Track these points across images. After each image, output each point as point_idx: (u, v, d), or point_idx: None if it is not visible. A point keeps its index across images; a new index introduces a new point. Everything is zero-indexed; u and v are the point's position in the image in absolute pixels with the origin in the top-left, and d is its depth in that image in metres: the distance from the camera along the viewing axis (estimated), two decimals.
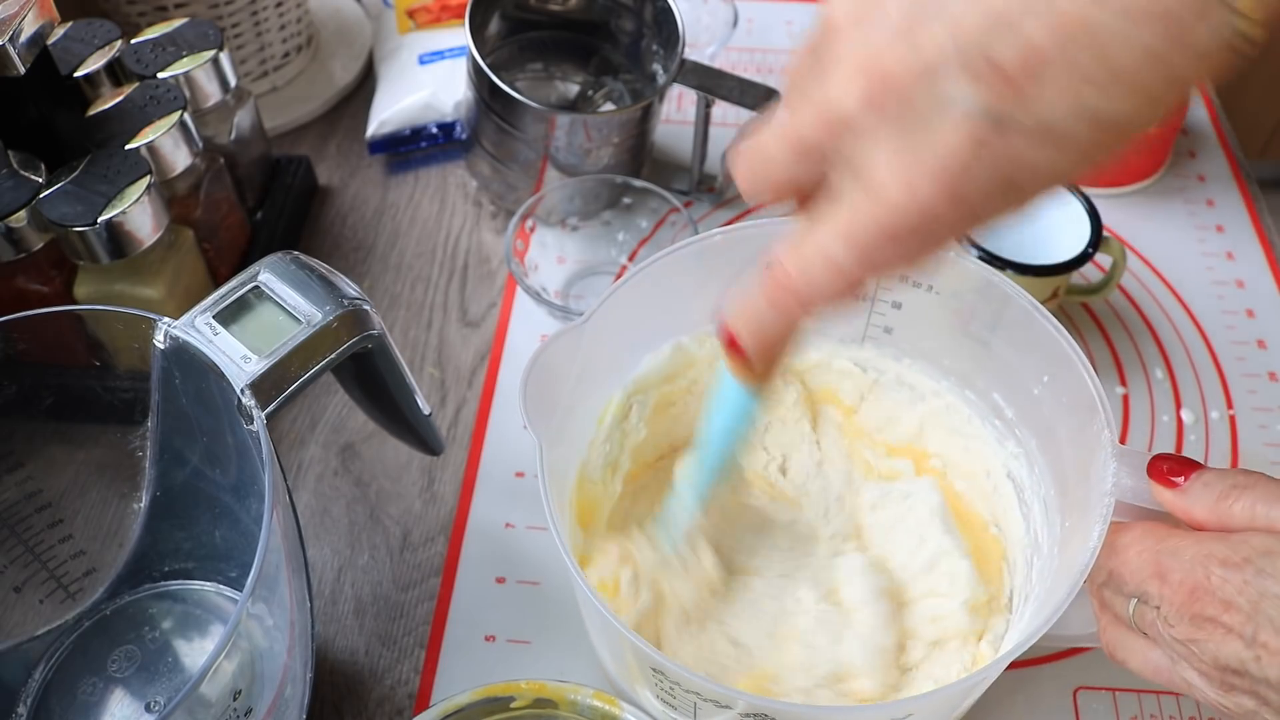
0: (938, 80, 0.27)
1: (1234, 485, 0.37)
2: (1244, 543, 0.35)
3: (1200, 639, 0.35)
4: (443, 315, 0.66)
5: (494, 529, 0.56)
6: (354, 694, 0.50)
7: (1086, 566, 0.38)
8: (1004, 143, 0.27)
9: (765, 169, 0.33)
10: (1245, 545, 0.35)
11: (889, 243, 0.30)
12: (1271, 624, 0.33)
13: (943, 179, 0.28)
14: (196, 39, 0.60)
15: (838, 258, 0.31)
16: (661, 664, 0.37)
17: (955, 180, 0.28)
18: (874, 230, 0.30)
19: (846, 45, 0.30)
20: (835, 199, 0.31)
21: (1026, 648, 0.37)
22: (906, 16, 0.28)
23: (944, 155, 0.28)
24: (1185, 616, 0.35)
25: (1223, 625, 0.34)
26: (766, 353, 0.35)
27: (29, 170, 0.53)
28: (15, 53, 0.50)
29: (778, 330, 0.34)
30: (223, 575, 0.51)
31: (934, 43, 0.27)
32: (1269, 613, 0.33)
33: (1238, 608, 0.34)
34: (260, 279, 0.42)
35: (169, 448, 0.46)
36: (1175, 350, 0.64)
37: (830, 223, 0.31)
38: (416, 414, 0.49)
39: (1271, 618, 0.33)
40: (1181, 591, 0.35)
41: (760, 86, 0.64)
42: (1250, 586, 0.34)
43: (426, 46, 0.77)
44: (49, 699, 0.47)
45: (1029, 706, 0.49)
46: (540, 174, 0.67)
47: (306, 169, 0.72)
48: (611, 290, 0.45)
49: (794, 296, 0.32)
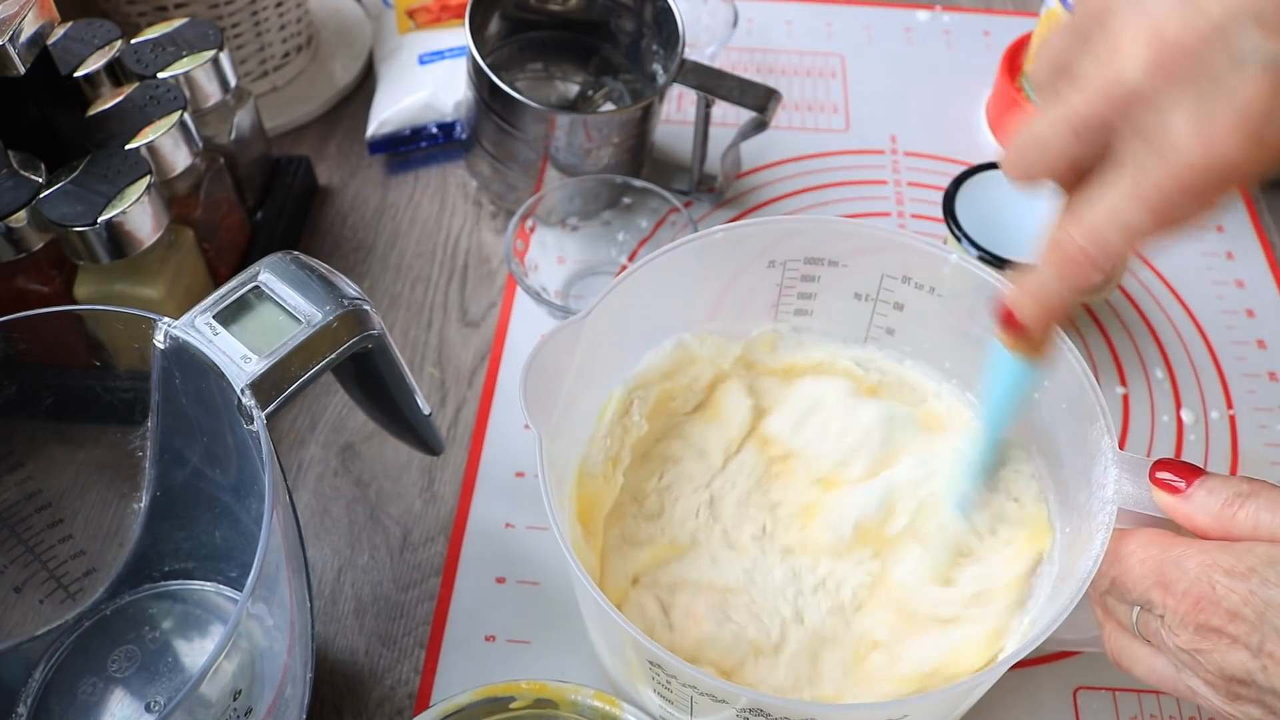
0: (1229, 38, 0.30)
1: (1238, 493, 0.36)
2: (1249, 552, 0.35)
3: (1205, 649, 0.35)
4: (443, 315, 0.66)
5: (494, 529, 0.56)
6: (354, 694, 0.50)
7: (1089, 573, 0.38)
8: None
9: (1042, 152, 0.35)
10: (1250, 555, 0.35)
11: (1188, 196, 0.32)
12: (1278, 634, 0.33)
13: (1245, 129, 0.30)
14: (196, 39, 0.60)
15: (1131, 219, 0.33)
16: (660, 657, 0.37)
17: (1257, 128, 0.30)
18: (1172, 188, 0.31)
19: (1122, 19, 0.32)
20: (1120, 169, 0.33)
21: (1026, 653, 0.37)
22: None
23: (1243, 106, 0.30)
24: (1189, 626, 0.35)
25: (1228, 635, 0.34)
26: (1046, 322, 0.38)
27: (29, 170, 0.53)
28: (15, 53, 0.50)
29: (1063, 299, 0.36)
30: (223, 575, 0.51)
31: (1219, 4, 0.30)
32: (1275, 623, 0.33)
33: (1243, 618, 0.34)
34: (260, 279, 0.42)
35: (169, 448, 0.46)
36: (1175, 350, 0.64)
37: (1118, 189, 0.33)
38: (416, 414, 0.49)
39: (1278, 628, 0.33)
40: (1186, 601, 0.35)
41: (760, 86, 0.64)
42: (1256, 596, 0.34)
43: (426, 46, 0.77)
44: (49, 699, 0.47)
45: (1029, 706, 0.49)
46: (540, 174, 0.67)
47: (306, 169, 0.72)
48: (613, 285, 0.45)
49: (1085, 262, 0.34)
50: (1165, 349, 0.64)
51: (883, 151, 0.76)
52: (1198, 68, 0.30)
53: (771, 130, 0.66)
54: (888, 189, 0.73)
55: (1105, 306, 0.66)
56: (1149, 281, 0.68)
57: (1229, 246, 0.70)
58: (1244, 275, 0.68)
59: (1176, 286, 0.68)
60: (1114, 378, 0.63)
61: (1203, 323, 0.66)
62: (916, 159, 0.75)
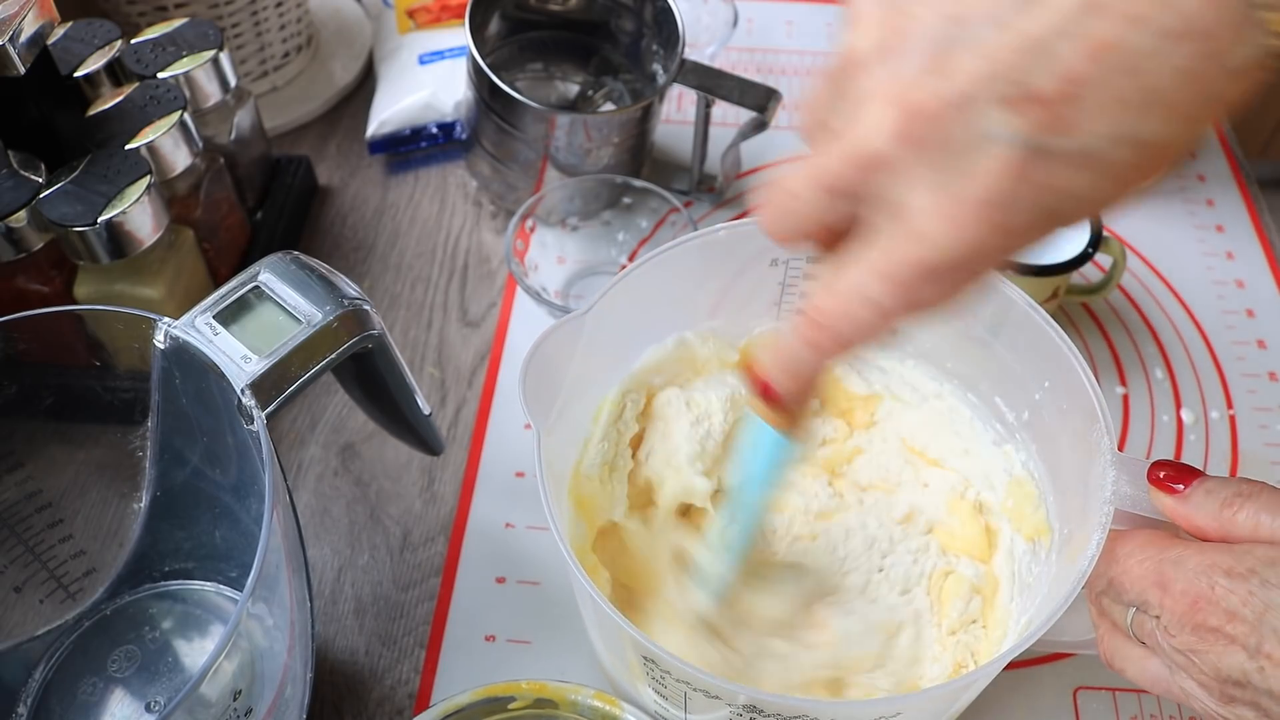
0: (974, 112, 0.26)
1: (1237, 494, 0.36)
2: (1249, 553, 0.35)
3: (1201, 649, 0.35)
4: (443, 315, 0.66)
5: (494, 529, 0.56)
6: (354, 694, 0.50)
7: (1084, 573, 0.38)
8: (1046, 171, 0.27)
9: (793, 211, 0.32)
10: (1250, 556, 0.34)
11: (931, 280, 0.29)
12: (1276, 635, 0.33)
13: (986, 213, 0.27)
14: (196, 39, 0.60)
15: (876, 296, 0.30)
16: (654, 652, 0.37)
17: (999, 213, 0.27)
18: (915, 268, 0.29)
19: (873, 79, 0.29)
20: (870, 237, 0.30)
21: (1018, 653, 0.37)
22: (935, 46, 0.27)
23: (986, 188, 0.27)
24: (1187, 626, 0.35)
25: (1226, 635, 0.34)
26: (801, 395, 0.35)
27: (29, 170, 0.53)
28: (15, 53, 0.50)
29: (813, 370, 0.34)
30: (223, 575, 0.51)
31: (967, 73, 0.26)
32: (1274, 624, 0.33)
33: (1242, 618, 0.34)
34: (260, 279, 0.42)
35: (169, 448, 0.46)
36: (1175, 350, 0.64)
37: (865, 262, 0.30)
38: (416, 414, 0.49)
39: (1276, 629, 0.33)
40: (1184, 601, 0.35)
41: (760, 86, 0.64)
42: (1255, 598, 0.34)
43: (426, 46, 0.77)
44: (49, 699, 0.47)
45: (1029, 706, 0.49)
46: (540, 174, 0.67)
47: (306, 169, 0.72)
48: (615, 281, 0.45)
49: (832, 336, 0.32)
50: (1165, 349, 0.64)
51: None
52: (943, 140, 0.27)
53: (771, 130, 0.66)
54: None
55: (1105, 306, 0.66)
56: (1149, 281, 0.68)
57: (1229, 246, 0.70)
58: (1244, 275, 0.68)
59: (1176, 286, 0.68)
60: (1114, 378, 0.63)
61: (1203, 323, 0.66)
62: None
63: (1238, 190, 0.73)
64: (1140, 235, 0.70)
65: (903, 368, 0.53)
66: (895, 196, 0.29)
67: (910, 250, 0.29)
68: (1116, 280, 0.63)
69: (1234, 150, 0.76)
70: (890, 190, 0.29)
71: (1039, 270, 0.58)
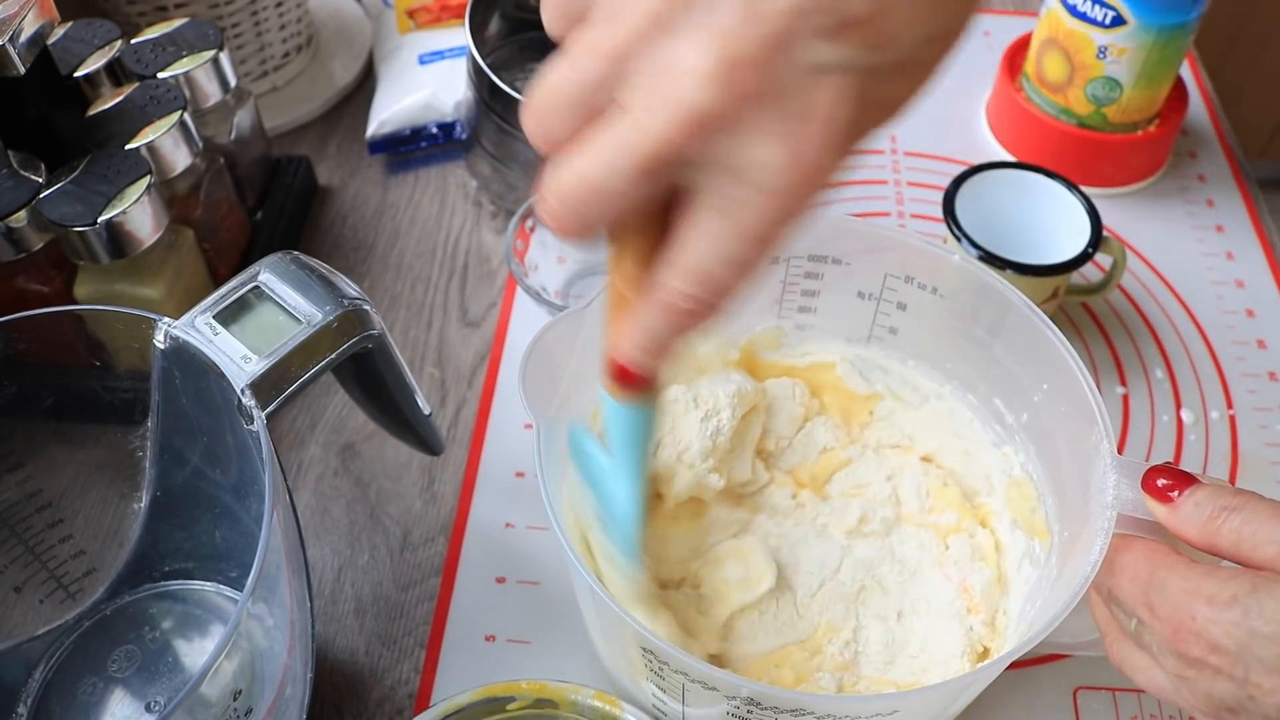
0: (798, 49, 0.26)
1: (1223, 506, 0.36)
2: (1233, 579, 0.34)
3: (1190, 676, 0.35)
4: (443, 315, 0.66)
5: (494, 529, 0.56)
6: (354, 694, 0.50)
7: (1086, 579, 0.38)
8: (877, 88, 0.28)
9: (607, 201, 0.29)
10: (1234, 582, 0.34)
11: (790, 221, 0.29)
12: (1262, 664, 0.33)
13: (833, 143, 0.28)
14: (196, 39, 0.60)
15: (738, 254, 0.29)
16: (652, 642, 0.37)
17: (846, 138, 0.28)
18: (775, 222, 0.29)
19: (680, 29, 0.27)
20: (711, 203, 0.29)
21: (1017, 656, 0.37)
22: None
23: (831, 120, 0.27)
24: (1172, 655, 0.35)
25: (1211, 666, 0.34)
26: (660, 364, 0.34)
27: (29, 170, 0.53)
28: (15, 53, 0.50)
29: (677, 344, 0.33)
30: (223, 575, 0.51)
31: (780, 13, 0.26)
32: (1258, 653, 0.33)
33: (1224, 650, 0.33)
34: (260, 279, 0.42)
35: (169, 448, 0.46)
36: (1175, 350, 0.64)
37: (715, 227, 0.29)
38: (416, 414, 0.49)
39: (1261, 658, 0.33)
40: (1168, 629, 0.35)
41: None
42: (1239, 628, 0.33)
43: (426, 46, 0.77)
44: (49, 699, 0.47)
45: (1029, 706, 0.49)
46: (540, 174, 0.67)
47: (306, 169, 0.72)
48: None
49: (697, 307, 0.31)
50: (1165, 349, 0.64)
51: (883, 151, 0.76)
52: (771, 83, 0.26)
53: None
54: (888, 189, 0.73)
55: (1105, 306, 0.66)
56: (1149, 281, 0.68)
57: (1229, 246, 0.70)
58: (1244, 275, 0.68)
59: (1176, 286, 0.68)
60: (1114, 378, 0.63)
61: (1203, 323, 0.66)
62: (916, 159, 0.75)
63: (1238, 190, 0.73)
64: (1140, 235, 0.70)
65: (903, 368, 0.53)
66: (738, 156, 0.28)
67: (767, 202, 0.28)
68: (1116, 280, 0.63)
69: (1234, 150, 0.76)
70: (730, 151, 0.28)
71: (1039, 270, 0.58)
